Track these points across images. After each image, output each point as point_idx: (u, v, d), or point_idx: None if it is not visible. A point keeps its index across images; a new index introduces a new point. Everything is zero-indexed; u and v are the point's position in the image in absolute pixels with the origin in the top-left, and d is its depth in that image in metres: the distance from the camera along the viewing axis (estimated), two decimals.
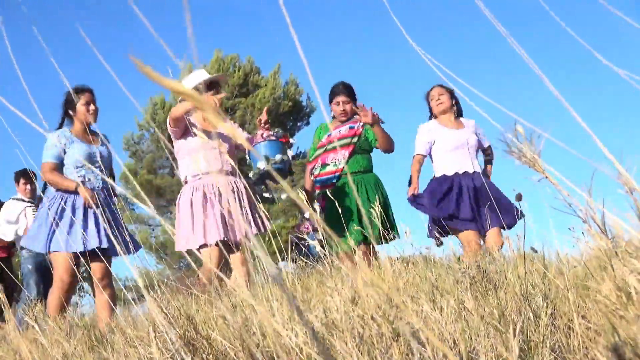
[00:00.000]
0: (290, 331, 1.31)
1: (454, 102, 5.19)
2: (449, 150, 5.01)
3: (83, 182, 4.32)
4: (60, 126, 4.54)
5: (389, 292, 0.84)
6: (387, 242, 4.74)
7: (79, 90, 4.47)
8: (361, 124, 4.95)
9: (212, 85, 4.67)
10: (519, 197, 1.84)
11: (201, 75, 4.76)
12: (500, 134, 1.09)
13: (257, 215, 4.45)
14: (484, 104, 1.24)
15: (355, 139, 4.92)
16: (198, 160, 4.47)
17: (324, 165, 4.96)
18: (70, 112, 4.50)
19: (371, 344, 1.18)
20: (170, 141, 4.68)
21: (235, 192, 4.44)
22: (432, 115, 5.29)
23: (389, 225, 4.80)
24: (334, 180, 4.90)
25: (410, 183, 5.05)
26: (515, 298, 1.77)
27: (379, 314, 1.28)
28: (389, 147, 4.94)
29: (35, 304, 3.84)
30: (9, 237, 6.53)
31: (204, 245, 4.26)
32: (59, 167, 4.35)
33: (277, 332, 1.20)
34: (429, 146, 5.10)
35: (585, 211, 1.06)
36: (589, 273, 2.28)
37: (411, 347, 1.14)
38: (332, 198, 4.62)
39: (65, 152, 4.36)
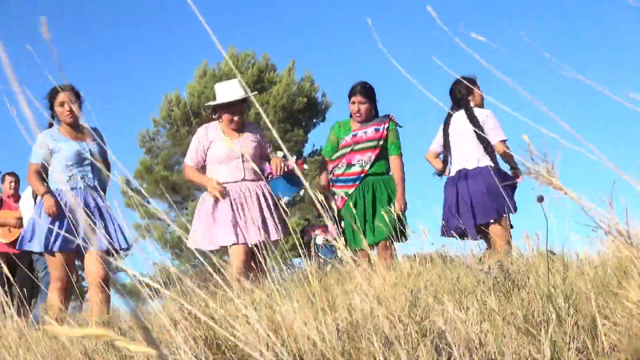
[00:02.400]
0: (315, 330, 1.31)
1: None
2: (453, 147, 5.15)
3: (70, 180, 4.37)
4: (50, 125, 4.56)
5: (414, 292, 0.84)
6: (402, 240, 4.80)
7: (55, 91, 4.47)
8: (386, 126, 5.02)
9: (239, 102, 4.71)
10: (540, 199, 1.82)
11: (234, 91, 4.71)
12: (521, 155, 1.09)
13: (276, 221, 4.57)
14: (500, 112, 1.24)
15: (381, 142, 4.99)
16: (222, 169, 4.63)
17: (350, 165, 5.00)
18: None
19: (398, 344, 1.18)
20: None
21: (258, 197, 4.59)
22: (467, 103, 5.18)
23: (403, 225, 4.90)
24: (358, 182, 4.96)
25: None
26: (537, 298, 1.76)
27: (404, 313, 1.28)
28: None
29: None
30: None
31: (226, 245, 4.47)
32: (41, 168, 4.40)
33: (303, 332, 1.20)
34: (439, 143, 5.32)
35: (608, 223, 1.05)
36: (609, 273, 2.26)
37: (438, 347, 1.14)
38: (355, 198, 4.88)
39: (52, 153, 4.39)
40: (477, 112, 5.07)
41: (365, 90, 5.04)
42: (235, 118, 4.67)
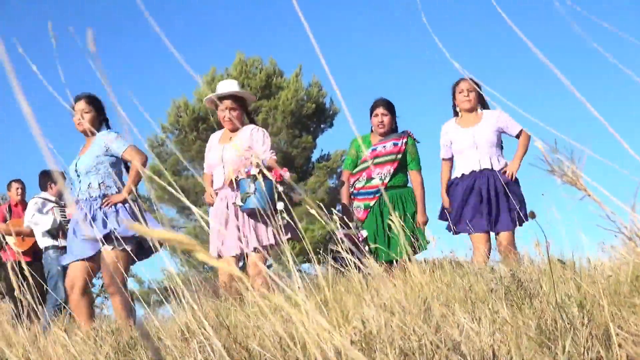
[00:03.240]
0: (329, 342, 1.32)
1: (479, 101, 5.13)
2: (464, 150, 5.04)
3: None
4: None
5: (427, 302, 0.84)
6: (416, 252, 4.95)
7: (75, 100, 4.50)
8: (404, 141, 5.25)
9: (230, 98, 4.81)
10: (532, 215, 1.82)
11: (224, 87, 4.89)
12: (540, 153, 1.08)
13: (269, 229, 4.51)
14: (520, 117, 1.24)
15: (399, 156, 5.23)
16: (215, 176, 4.74)
17: (370, 178, 5.24)
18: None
19: (412, 355, 1.18)
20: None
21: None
22: (454, 106, 5.24)
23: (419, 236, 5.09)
24: (378, 195, 5.17)
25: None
26: (550, 307, 1.76)
27: (418, 325, 1.28)
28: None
29: (64, 308, 3.90)
30: (46, 225, 6.56)
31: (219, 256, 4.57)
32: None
33: (317, 343, 1.20)
34: (448, 148, 5.19)
35: (630, 228, 1.05)
36: (621, 281, 2.25)
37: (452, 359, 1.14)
38: (376, 211, 5.11)
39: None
40: (486, 113, 5.12)
41: (388, 104, 5.34)
42: (225, 114, 4.74)
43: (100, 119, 4.57)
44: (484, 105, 5.14)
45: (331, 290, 2.12)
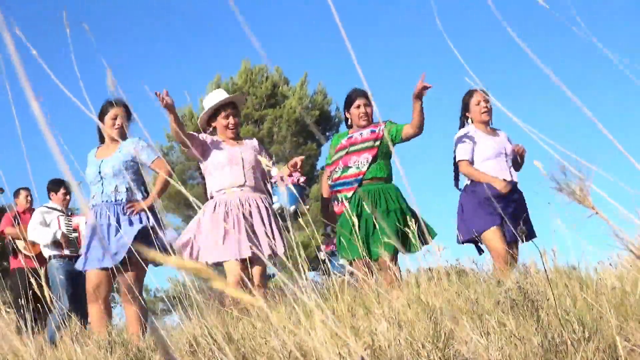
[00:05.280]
0: (338, 357, 1.33)
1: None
2: (489, 158, 4.91)
3: (93, 196, 4.42)
4: (102, 139, 4.66)
5: (435, 316, 0.86)
6: (415, 250, 4.54)
7: (111, 104, 4.54)
8: (381, 127, 4.82)
9: (229, 106, 4.77)
10: (523, 232, 1.84)
11: (220, 95, 4.85)
12: (548, 171, 1.10)
13: (275, 236, 4.47)
14: (522, 134, 1.25)
15: (377, 142, 4.78)
16: (223, 176, 4.56)
17: (346, 167, 4.81)
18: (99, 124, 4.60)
19: None
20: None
21: (256, 209, 4.50)
22: (464, 118, 5.16)
23: (420, 233, 4.63)
24: (356, 184, 4.74)
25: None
26: (556, 319, 1.77)
27: (427, 339, 1.29)
28: (421, 126, 4.72)
29: (70, 317, 3.91)
30: (46, 240, 6.55)
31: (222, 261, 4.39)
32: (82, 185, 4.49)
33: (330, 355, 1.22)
34: (471, 151, 4.98)
35: (638, 245, 1.06)
36: (627, 292, 2.26)
37: None
38: (351, 205, 4.61)
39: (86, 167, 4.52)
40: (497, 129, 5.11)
41: (366, 93, 4.89)
42: (230, 121, 4.70)
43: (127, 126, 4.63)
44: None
45: (340, 301, 2.13)
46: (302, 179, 4.68)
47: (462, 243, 4.98)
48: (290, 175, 4.50)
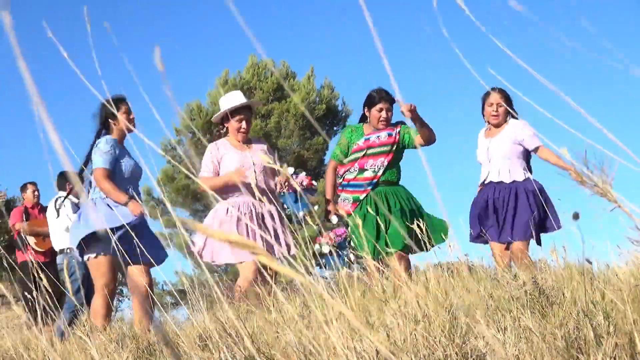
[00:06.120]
0: (353, 351, 1.31)
1: (508, 113, 5.04)
2: (481, 161, 5.10)
3: (132, 197, 4.31)
4: (106, 132, 4.55)
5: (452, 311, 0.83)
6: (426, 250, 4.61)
7: (120, 100, 4.51)
8: (398, 130, 4.92)
9: (245, 109, 4.81)
10: (575, 216, 1.80)
11: (237, 98, 4.84)
12: (577, 159, 1.07)
13: (282, 239, 4.58)
14: (546, 122, 1.22)
15: (394, 147, 4.88)
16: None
17: (362, 170, 4.87)
18: (111, 122, 4.48)
19: None
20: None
21: (267, 212, 4.62)
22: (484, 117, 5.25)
23: (429, 232, 4.70)
24: (369, 188, 4.82)
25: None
26: (574, 315, 1.74)
27: (444, 335, 1.27)
28: (431, 137, 4.84)
29: (83, 312, 3.91)
30: (62, 245, 6.51)
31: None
32: (111, 174, 4.30)
33: (345, 350, 1.20)
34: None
35: None
36: None
37: None
38: (366, 206, 4.72)
39: (117, 161, 4.36)
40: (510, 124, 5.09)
41: (390, 98, 4.91)
42: (242, 125, 4.73)
43: None
44: (513, 115, 5.04)
45: (352, 295, 2.11)
46: (306, 181, 4.74)
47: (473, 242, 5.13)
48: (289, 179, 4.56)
